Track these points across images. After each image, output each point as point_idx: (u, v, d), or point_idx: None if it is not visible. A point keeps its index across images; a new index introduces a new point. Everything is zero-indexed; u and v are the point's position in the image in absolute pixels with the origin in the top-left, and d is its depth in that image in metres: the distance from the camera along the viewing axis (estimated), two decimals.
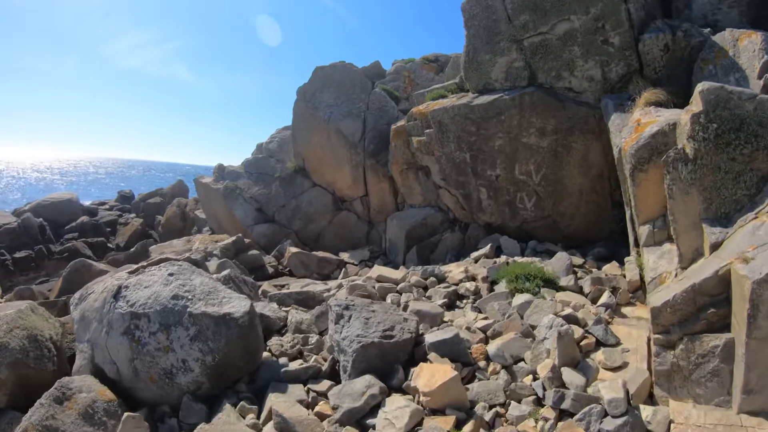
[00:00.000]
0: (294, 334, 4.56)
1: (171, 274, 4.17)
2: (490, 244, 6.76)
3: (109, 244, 16.16)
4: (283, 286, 8.06)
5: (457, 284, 5.56)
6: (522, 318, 4.28)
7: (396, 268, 8.43)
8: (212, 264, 8.41)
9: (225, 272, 6.02)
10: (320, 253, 9.18)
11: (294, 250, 9.21)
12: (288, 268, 9.45)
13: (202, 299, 3.95)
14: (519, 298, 4.60)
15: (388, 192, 9.59)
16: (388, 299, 5.33)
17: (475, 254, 6.92)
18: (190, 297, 3.92)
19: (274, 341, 4.47)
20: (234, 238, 9.50)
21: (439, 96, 7.61)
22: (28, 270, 13.10)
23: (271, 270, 9.39)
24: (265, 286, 7.48)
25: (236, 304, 3.99)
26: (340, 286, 6.86)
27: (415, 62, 10.67)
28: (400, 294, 5.56)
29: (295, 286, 7.80)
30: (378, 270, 6.44)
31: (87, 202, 21.91)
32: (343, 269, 8.75)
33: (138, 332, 3.74)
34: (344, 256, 9.40)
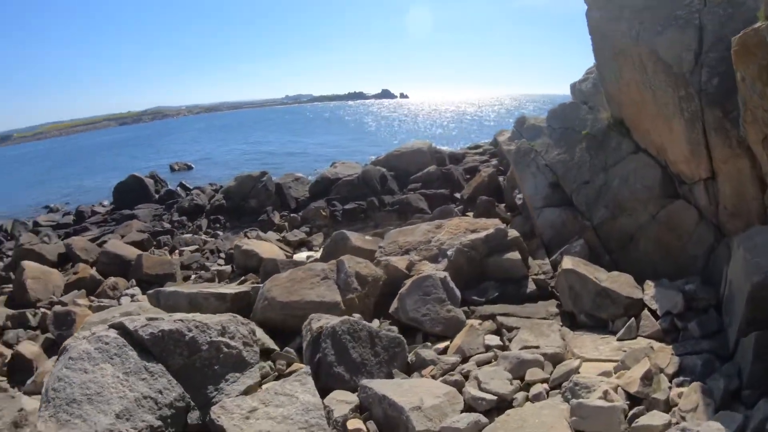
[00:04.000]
0: None
1: (71, 358, 3.85)
2: None
3: (456, 195, 17.60)
4: (509, 327, 6.27)
5: None
6: None
7: (723, 346, 4.99)
8: (438, 267, 7.58)
9: (344, 320, 5.03)
10: (606, 280, 6.34)
11: (568, 264, 6.80)
12: (557, 291, 7.36)
13: (48, 409, 3.56)
14: None
15: (749, 176, 5.53)
16: None
17: None
18: (45, 400, 3.61)
19: None
20: (491, 230, 8.05)
21: None
22: (356, 221, 15.69)
23: (531, 288, 7.48)
24: (460, 339, 5.98)
25: None
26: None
27: None
28: None
29: (529, 334, 5.87)
30: None
31: (463, 146, 24.75)
32: (631, 320, 5.88)
33: None
34: (648, 291, 6.19)
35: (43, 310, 9.89)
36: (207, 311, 7.72)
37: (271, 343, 6.63)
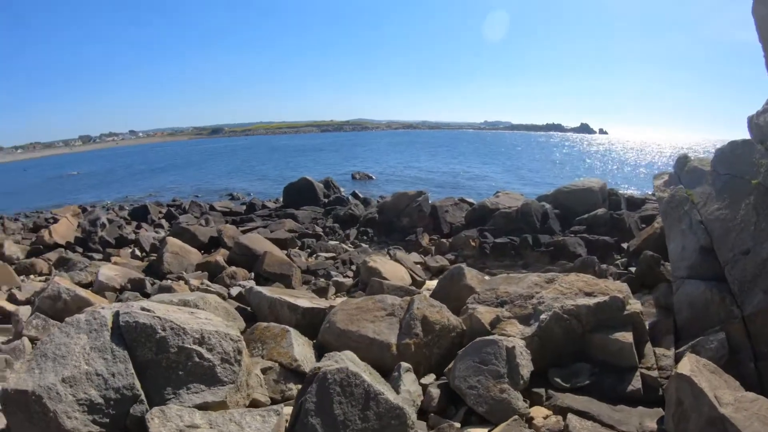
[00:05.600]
0: None
1: (66, 322, 4.26)
2: None
3: (624, 245, 15.65)
4: None
5: None
6: None
7: None
8: (526, 331, 6.52)
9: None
10: (730, 405, 4.33)
11: (685, 368, 4.92)
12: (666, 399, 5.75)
13: (30, 355, 4.08)
14: None
15: None
16: None
17: None
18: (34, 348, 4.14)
19: None
20: (605, 298, 6.57)
21: None
22: (504, 257, 15.01)
23: (637, 385, 5.82)
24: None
25: None
26: None
27: None
28: None
29: None
30: None
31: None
32: None
33: None
34: None
35: (168, 282, 11.07)
36: (281, 319, 7.94)
37: (309, 368, 6.48)
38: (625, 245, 15.08)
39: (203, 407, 4.16)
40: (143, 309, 4.53)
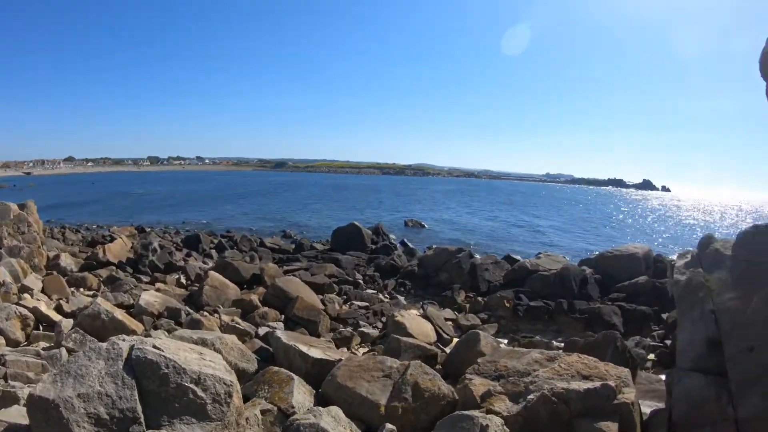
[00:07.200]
0: None
1: (90, 348, 4.93)
2: None
3: (663, 315, 15.42)
4: None
5: None
6: None
7: None
8: (513, 409, 6.82)
9: None
10: None
11: None
12: None
13: (56, 369, 4.67)
14: None
15: None
16: None
17: None
18: (60, 364, 4.78)
19: None
20: (595, 385, 6.74)
21: None
22: (537, 321, 15.34)
23: None
24: None
25: None
26: None
27: None
28: None
29: None
30: None
31: None
32: None
33: None
34: None
35: (200, 316, 11.92)
36: (293, 365, 8.56)
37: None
38: (664, 315, 14.98)
39: None
40: (154, 347, 5.28)
